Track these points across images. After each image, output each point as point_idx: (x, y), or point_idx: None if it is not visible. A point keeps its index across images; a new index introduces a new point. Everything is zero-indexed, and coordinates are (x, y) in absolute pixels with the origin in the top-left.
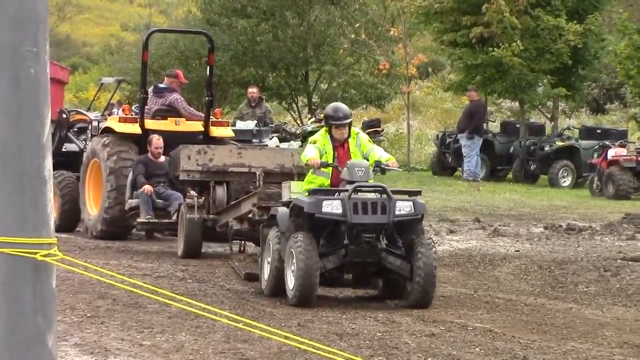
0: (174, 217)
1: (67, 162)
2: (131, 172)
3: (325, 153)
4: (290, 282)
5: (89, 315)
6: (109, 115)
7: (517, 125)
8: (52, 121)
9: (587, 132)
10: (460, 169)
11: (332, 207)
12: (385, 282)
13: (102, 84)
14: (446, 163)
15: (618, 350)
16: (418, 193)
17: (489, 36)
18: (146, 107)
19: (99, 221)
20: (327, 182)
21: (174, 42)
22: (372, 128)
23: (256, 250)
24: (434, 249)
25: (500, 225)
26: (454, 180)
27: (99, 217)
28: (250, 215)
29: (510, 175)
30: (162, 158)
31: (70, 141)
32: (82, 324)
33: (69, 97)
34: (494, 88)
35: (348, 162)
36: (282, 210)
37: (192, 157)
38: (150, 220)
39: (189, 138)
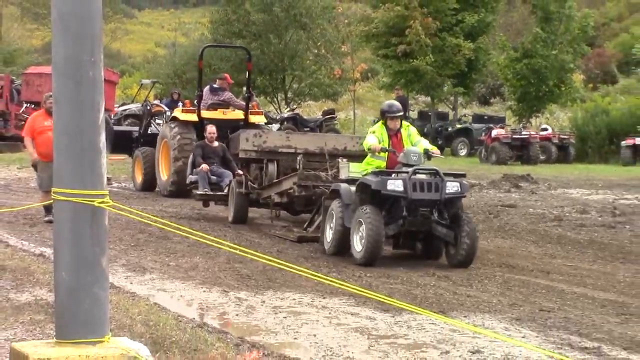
0: (225, 191)
1: (150, 141)
2: (191, 154)
3: (383, 141)
4: (358, 245)
5: (132, 244)
6: (155, 102)
7: (429, 114)
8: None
9: (477, 118)
10: None
11: (395, 185)
12: (424, 245)
13: (142, 84)
14: None
15: (498, 269)
16: (463, 176)
17: (409, 51)
18: (203, 101)
19: (168, 183)
20: (383, 164)
21: (193, 55)
22: (329, 115)
23: (288, 217)
24: (475, 221)
25: None
26: None
27: (169, 181)
28: (290, 191)
29: None
30: (216, 143)
31: (152, 127)
32: (127, 250)
33: (118, 93)
34: (413, 87)
35: (405, 148)
36: (344, 186)
37: (249, 140)
38: (207, 193)
39: (233, 124)
